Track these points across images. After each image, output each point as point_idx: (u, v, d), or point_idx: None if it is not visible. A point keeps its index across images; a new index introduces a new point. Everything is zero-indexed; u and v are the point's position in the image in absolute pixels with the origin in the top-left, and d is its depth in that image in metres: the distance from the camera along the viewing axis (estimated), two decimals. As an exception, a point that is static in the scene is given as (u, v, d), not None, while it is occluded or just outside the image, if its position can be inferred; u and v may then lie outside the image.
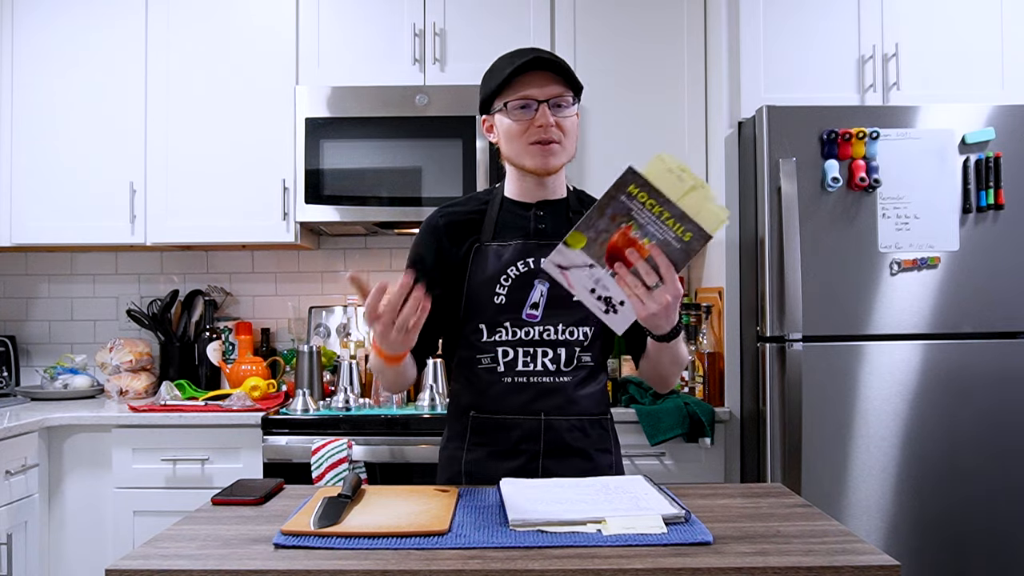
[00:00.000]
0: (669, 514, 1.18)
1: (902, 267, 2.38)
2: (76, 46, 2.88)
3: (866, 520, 2.35)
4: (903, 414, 2.37)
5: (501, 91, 1.48)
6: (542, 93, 1.46)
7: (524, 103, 1.46)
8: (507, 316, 1.51)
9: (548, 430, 1.51)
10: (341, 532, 1.13)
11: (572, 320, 1.51)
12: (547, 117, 1.46)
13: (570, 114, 1.49)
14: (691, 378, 2.71)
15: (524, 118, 1.47)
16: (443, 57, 2.85)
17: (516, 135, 1.49)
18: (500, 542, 1.10)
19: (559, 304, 1.51)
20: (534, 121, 1.46)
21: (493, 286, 1.52)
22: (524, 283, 1.51)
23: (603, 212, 1.21)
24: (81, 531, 2.56)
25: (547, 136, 1.47)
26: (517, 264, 1.52)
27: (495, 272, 1.52)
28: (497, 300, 1.51)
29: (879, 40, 2.61)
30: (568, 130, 1.49)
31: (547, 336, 1.51)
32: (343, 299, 3.15)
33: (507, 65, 1.47)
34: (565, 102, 1.48)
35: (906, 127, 2.39)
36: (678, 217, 1.21)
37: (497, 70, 1.50)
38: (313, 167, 2.77)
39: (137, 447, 2.51)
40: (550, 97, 1.46)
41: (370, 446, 2.45)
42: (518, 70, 1.45)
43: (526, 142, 1.48)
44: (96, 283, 3.24)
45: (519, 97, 1.46)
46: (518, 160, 1.52)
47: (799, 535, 1.16)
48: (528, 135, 1.47)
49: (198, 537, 1.16)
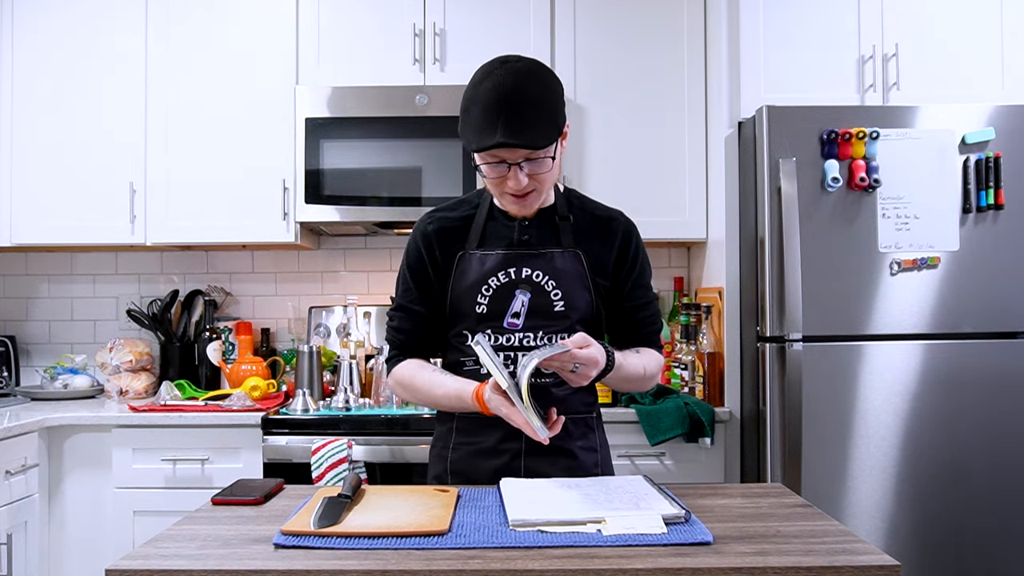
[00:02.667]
0: (669, 514, 1.18)
1: (902, 267, 2.38)
2: (76, 46, 2.88)
3: (866, 520, 2.35)
4: (903, 414, 2.37)
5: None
6: (513, 156, 1.41)
7: (497, 162, 1.42)
8: (488, 324, 1.53)
9: None
10: (341, 532, 1.13)
11: (553, 329, 1.53)
12: (519, 180, 1.42)
13: (546, 168, 1.44)
14: (691, 378, 2.71)
15: (498, 174, 1.44)
16: (443, 57, 2.85)
17: (492, 184, 1.48)
18: (500, 542, 1.10)
19: (540, 314, 1.52)
20: (507, 179, 1.43)
21: (475, 295, 1.53)
22: (505, 293, 1.52)
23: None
24: (81, 531, 2.56)
25: (521, 191, 1.45)
26: (499, 274, 1.53)
27: (477, 281, 1.53)
28: (479, 309, 1.53)
29: (879, 40, 2.61)
30: (545, 179, 1.46)
31: (527, 343, 1.52)
32: (343, 299, 3.15)
33: (476, 122, 1.39)
34: (538, 157, 1.42)
35: (906, 127, 2.39)
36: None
37: (469, 118, 1.41)
38: (313, 167, 2.77)
39: (137, 447, 2.51)
40: (522, 159, 1.41)
41: (370, 446, 2.45)
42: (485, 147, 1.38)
43: (501, 191, 1.48)
44: (96, 283, 3.24)
45: (491, 157, 1.42)
46: (497, 198, 1.53)
47: (799, 535, 1.16)
48: (504, 187, 1.46)
49: (198, 537, 1.16)
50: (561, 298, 1.52)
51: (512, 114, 1.36)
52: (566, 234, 1.56)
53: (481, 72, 1.42)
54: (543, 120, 1.39)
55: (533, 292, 1.52)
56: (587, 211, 1.60)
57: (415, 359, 1.59)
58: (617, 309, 1.60)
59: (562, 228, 1.56)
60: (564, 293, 1.52)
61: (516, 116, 1.36)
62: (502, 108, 1.36)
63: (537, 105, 1.38)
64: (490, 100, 1.38)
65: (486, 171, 1.44)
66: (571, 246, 1.55)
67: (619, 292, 1.59)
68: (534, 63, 1.43)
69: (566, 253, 1.54)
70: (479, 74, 1.43)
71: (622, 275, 1.59)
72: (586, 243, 1.57)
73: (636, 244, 1.60)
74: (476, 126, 1.39)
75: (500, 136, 1.36)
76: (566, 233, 1.56)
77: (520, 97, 1.37)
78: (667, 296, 3.10)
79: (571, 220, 1.57)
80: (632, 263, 1.59)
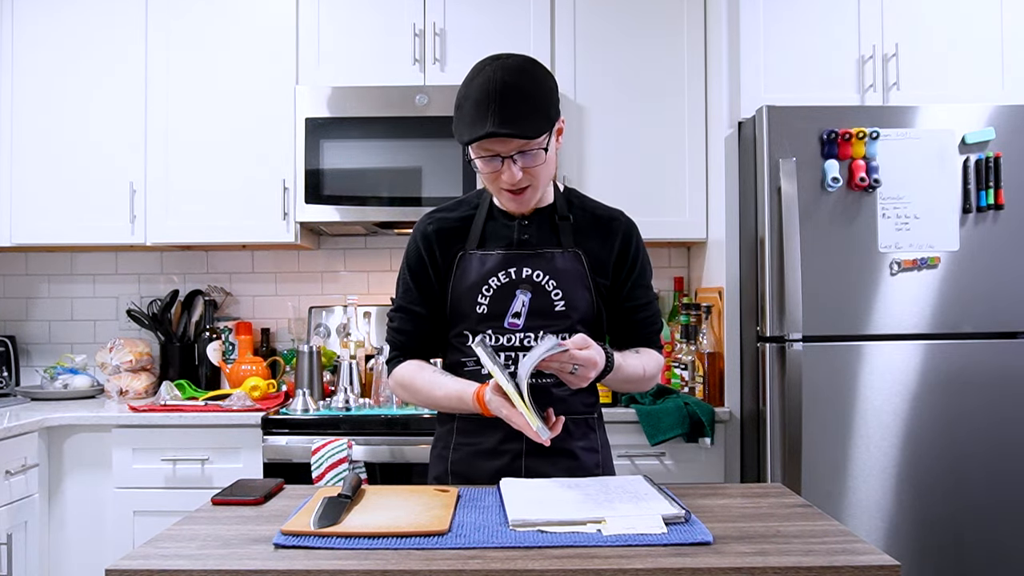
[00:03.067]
0: (669, 514, 1.18)
1: (902, 267, 2.38)
2: (76, 46, 2.88)
3: (866, 520, 2.35)
4: (903, 414, 2.37)
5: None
6: (506, 149, 1.41)
7: (490, 156, 1.43)
8: (489, 324, 1.53)
9: None
10: (341, 532, 1.13)
11: (554, 329, 1.53)
12: (513, 174, 1.43)
13: (539, 161, 1.45)
14: (691, 378, 2.71)
15: (492, 169, 1.45)
16: (443, 57, 2.85)
17: (487, 180, 1.49)
18: (500, 542, 1.10)
19: (541, 314, 1.53)
20: (501, 173, 1.44)
21: (475, 295, 1.53)
22: (506, 293, 1.53)
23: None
24: (81, 531, 2.56)
25: (515, 186, 1.46)
26: (499, 274, 1.53)
27: (477, 281, 1.53)
28: (479, 309, 1.53)
29: (879, 40, 2.61)
30: (539, 173, 1.46)
31: (528, 343, 1.52)
32: (343, 299, 3.15)
33: (468, 116, 1.40)
34: (531, 150, 1.42)
35: (906, 127, 2.39)
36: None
37: (461, 113, 1.42)
38: (313, 167, 2.77)
39: (137, 447, 2.51)
40: (515, 151, 1.42)
41: (370, 446, 2.45)
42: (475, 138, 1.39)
43: (497, 187, 1.48)
44: (96, 283, 3.24)
45: (483, 151, 1.43)
46: (494, 195, 1.53)
47: (799, 535, 1.16)
48: (499, 182, 1.46)
49: (198, 537, 1.16)
50: (562, 298, 1.52)
51: (503, 105, 1.38)
52: (566, 234, 1.56)
53: (474, 70, 1.44)
54: (534, 112, 1.40)
55: (534, 292, 1.52)
56: (587, 211, 1.60)
57: (415, 360, 1.59)
58: (617, 309, 1.60)
59: (562, 228, 1.56)
60: (565, 293, 1.52)
61: (506, 107, 1.38)
62: (492, 100, 1.38)
63: (528, 97, 1.40)
64: (481, 94, 1.39)
65: (480, 166, 1.45)
66: (571, 246, 1.55)
67: (619, 292, 1.59)
68: (525, 59, 1.44)
69: (566, 253, 1.55)
70: (472, 71, 1.45)
71: (622, 275, 1.59)
72: (586, 243, 1.57)
73: (636, 244, 1.61)
74: (468, 120, 1.40)
75: (491, 126, 1.37)
76: (566, 233, 1.56)
77: (510, 90, 1.38)
78: (667, 296, 3.10)
79: (571, 220, 1.57)
80: (632, 263, 1.59)
